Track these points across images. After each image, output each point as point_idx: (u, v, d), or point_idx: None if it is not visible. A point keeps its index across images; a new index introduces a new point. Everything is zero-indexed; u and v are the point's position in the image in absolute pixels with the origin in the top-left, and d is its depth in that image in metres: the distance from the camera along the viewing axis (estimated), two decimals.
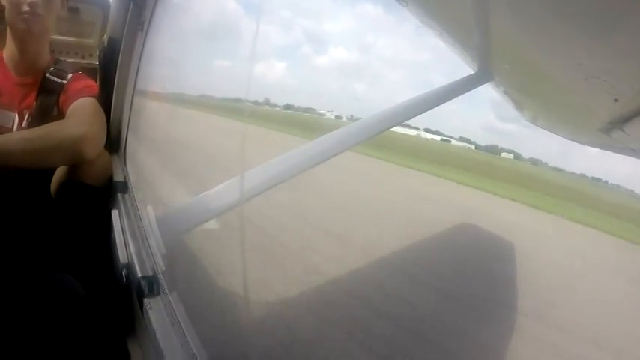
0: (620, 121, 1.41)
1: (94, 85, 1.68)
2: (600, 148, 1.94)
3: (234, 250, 1.27)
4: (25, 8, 1.44)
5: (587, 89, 1.21)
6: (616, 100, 1.14)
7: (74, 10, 2.09)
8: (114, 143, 1.79)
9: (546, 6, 0.85)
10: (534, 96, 1.84)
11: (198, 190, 1.36)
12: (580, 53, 1.04)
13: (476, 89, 1.95)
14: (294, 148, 1.54)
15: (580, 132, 1.92)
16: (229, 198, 1.30)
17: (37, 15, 1.46)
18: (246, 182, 1.37)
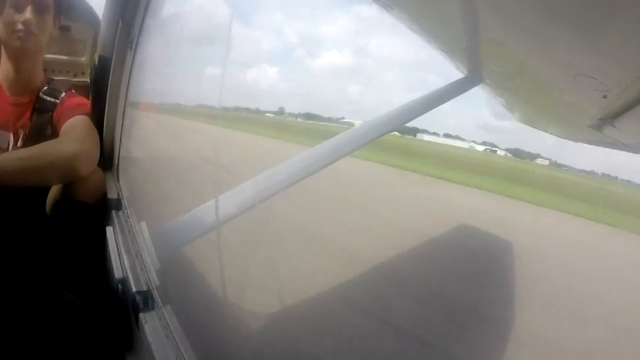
0: (611, 117, 1.41)
1: (87, 103, 1.70)
2: (592, 144, 1.94)
3: (227, 263, 1.27)
4: (19, 27, 1.47)
5: (576, 87, 1.21)
6: (605, 96, 1.14)
7: (65, 29, 2.11)
8: (107, 160, 1.80)
9: (532, 7, 0.86)
10: (525, 96, 1.85)
11: (192, 205, 1.37)
12: (567, 52, 1.04)
13: (467, 92, 1.96)
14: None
15: (572, 129, 1.93)
16: (222, 212, 1.30)
17: (30, 33, 1.49)
18: (239, 195, 1.38)
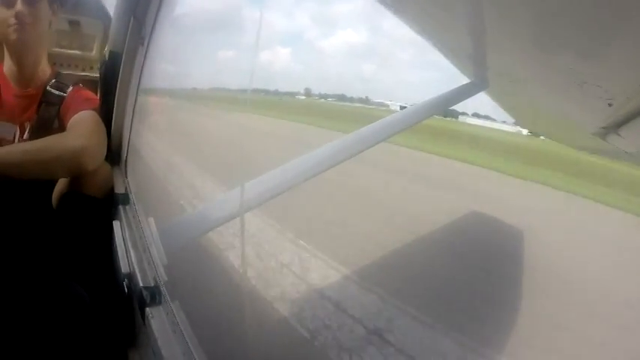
0: (615, 125, 1.42)
1: (95, 97, 1.70)
2: (596, 153, 1.96)
3: (235, 258, 1.28)
4: (12, 20, 1.47)
5: (581, 95, 1.22)
6: (610, 104, 1.15)
7: (75, 23, 2.12)
8: (115, 155, 1.80)
9: (538, 15, 0.87)
10: (530, 103, 1.86)
11: (200, 200, 1.38)
12: (573, 60, 1.05)
13: (473, 97, 1.97)
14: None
15: (576, 137, 1.94)
16: (231, 207, 1.31)
17: (25, 24, 1.48)
18: (248, 191, 1.38)
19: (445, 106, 1.97)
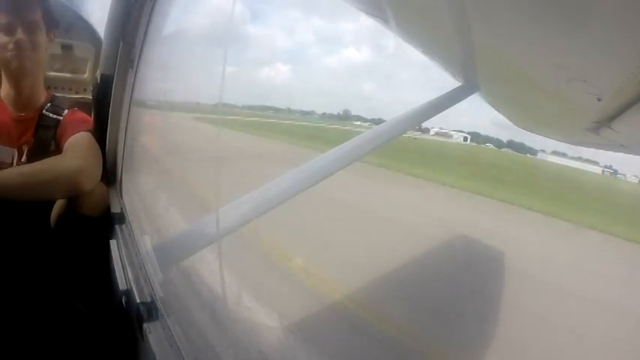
0: (607, 119, 1.42)
1: (89, 119, 1.73)
2: (591, 147, 1.96)
3: (230, 274, 1.28)
4: (11, 46, 1.50)
5: (570, 92, 1.23)
6: (599, 99, 1.16)
7: (67, 47, 2.17)
8: (110, 175, 1.82)
9: (521, 15, 0.88)
10: (522, 103, 1.86)
11: (193, 218, 1.39)
12: (558, 58, 1.06)
13: (464, 100, 1.98)
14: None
15: (570, 133, 1.94)
16: (223, 225, 1.32)
17: (25, 51, 1.52)
18: (243, 207, 1.39)
19: (438, 110, 1.98)
